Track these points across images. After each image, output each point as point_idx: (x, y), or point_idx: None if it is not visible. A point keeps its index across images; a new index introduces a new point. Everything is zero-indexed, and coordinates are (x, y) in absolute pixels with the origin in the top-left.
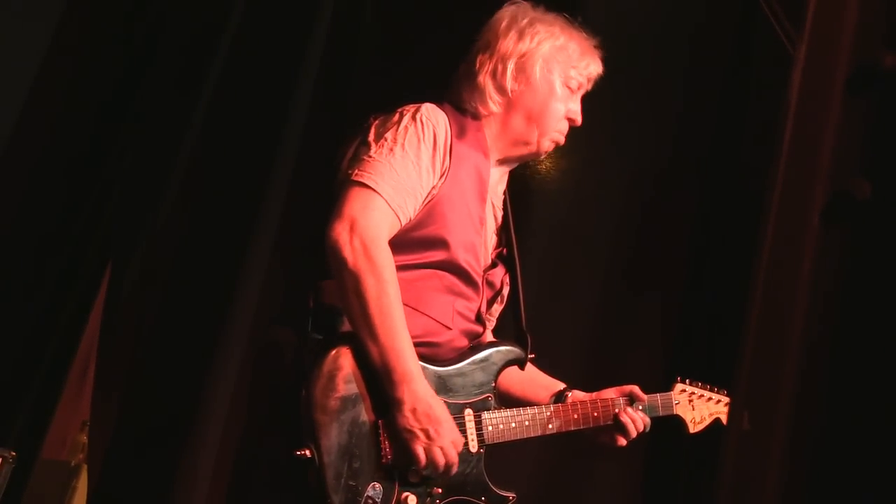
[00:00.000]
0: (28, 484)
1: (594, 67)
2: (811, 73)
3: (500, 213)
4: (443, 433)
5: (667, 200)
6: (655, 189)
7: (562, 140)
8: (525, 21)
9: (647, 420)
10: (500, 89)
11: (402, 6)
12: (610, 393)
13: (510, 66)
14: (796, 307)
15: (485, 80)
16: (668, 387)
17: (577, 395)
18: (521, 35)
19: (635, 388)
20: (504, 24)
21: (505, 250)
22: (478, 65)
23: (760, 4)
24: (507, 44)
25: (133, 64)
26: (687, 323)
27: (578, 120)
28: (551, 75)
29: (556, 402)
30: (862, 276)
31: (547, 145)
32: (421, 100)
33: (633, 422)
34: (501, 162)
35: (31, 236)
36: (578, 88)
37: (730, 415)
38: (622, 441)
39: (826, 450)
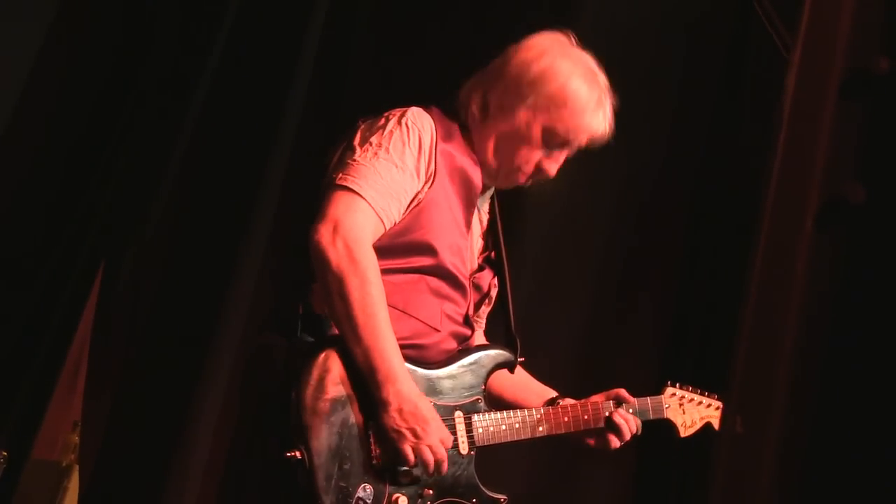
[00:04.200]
0: (19, 484)
1: (586, 136)
2: (806, 77)
3: (485, 217)
4: (430, 431)
5: (660, 203)
6: (649, 192)
7: (523, 183)
8: (550, 56)
9: (639, 422)
10: (483, 106)
11: (396, 9)
12: (597, 398)
13: (499, 90)
14: (790, 311)
15: (475, 89)
16: (659, 390)
17: (568, 402)
18: (530, 65)
19: (622, 391)
20: (531, 51)
21: (493, 253)
22: (484, 73)
23: (755, 8)
24: (515, 68)
25: (127, 63)
26: (679, 326)
27: (549, 175)
28: (534, 121)
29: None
30: (855, 280)
31: (502, 182)
32: (409, 104)
33: (627, 422)
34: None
35: (22, 236)
36: (561, 147)
37: (722, 418)
38: (615, 443)
39: (818, 454)
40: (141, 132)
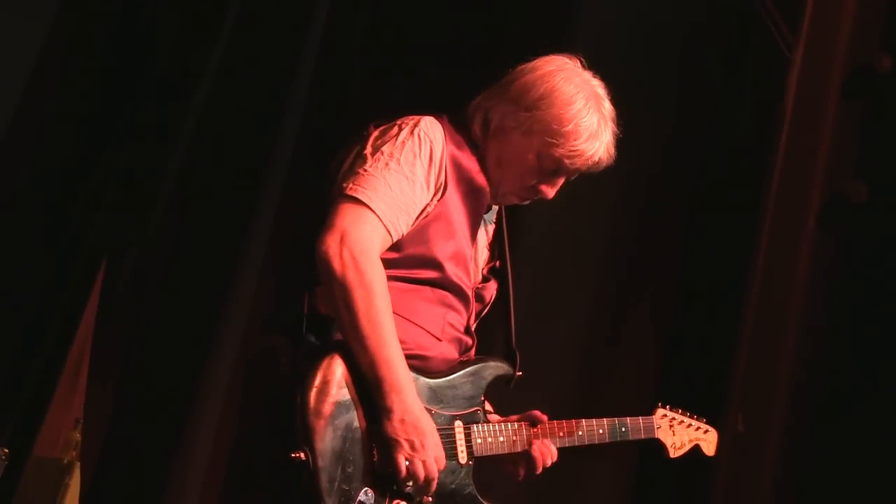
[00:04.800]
0: (21, 481)
1: (582, 164)
2: (808, 77)
3: (491, 228)
4: (427, 447)
5: (661, 204)
6: (650, 197)
7: (520, 203)
8: (552, 81)
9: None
10: (484, 125)
11: (398, 9)
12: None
13: (499, 111)
14: (792, 309)
15: (479, 106)
16: (656, 400)
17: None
18: (531, 90)
19: (536, 413)
20: (534, 73)
21: (498, 263)
22: (490, 91)
23: (758, 7)
24: (516, 91)
25: (127, 64)
26: (679, 332)
27: (546, 198)
28: (529, 147)
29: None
30: (857, 278)
31: (501, 200)
32: (421, 112)
33: (550, 454)
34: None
35: (25, 235)
36: (556, 174)
37: (725, 417)
38: (530, 472)
39: (819, 452)
40: (142, 132)
